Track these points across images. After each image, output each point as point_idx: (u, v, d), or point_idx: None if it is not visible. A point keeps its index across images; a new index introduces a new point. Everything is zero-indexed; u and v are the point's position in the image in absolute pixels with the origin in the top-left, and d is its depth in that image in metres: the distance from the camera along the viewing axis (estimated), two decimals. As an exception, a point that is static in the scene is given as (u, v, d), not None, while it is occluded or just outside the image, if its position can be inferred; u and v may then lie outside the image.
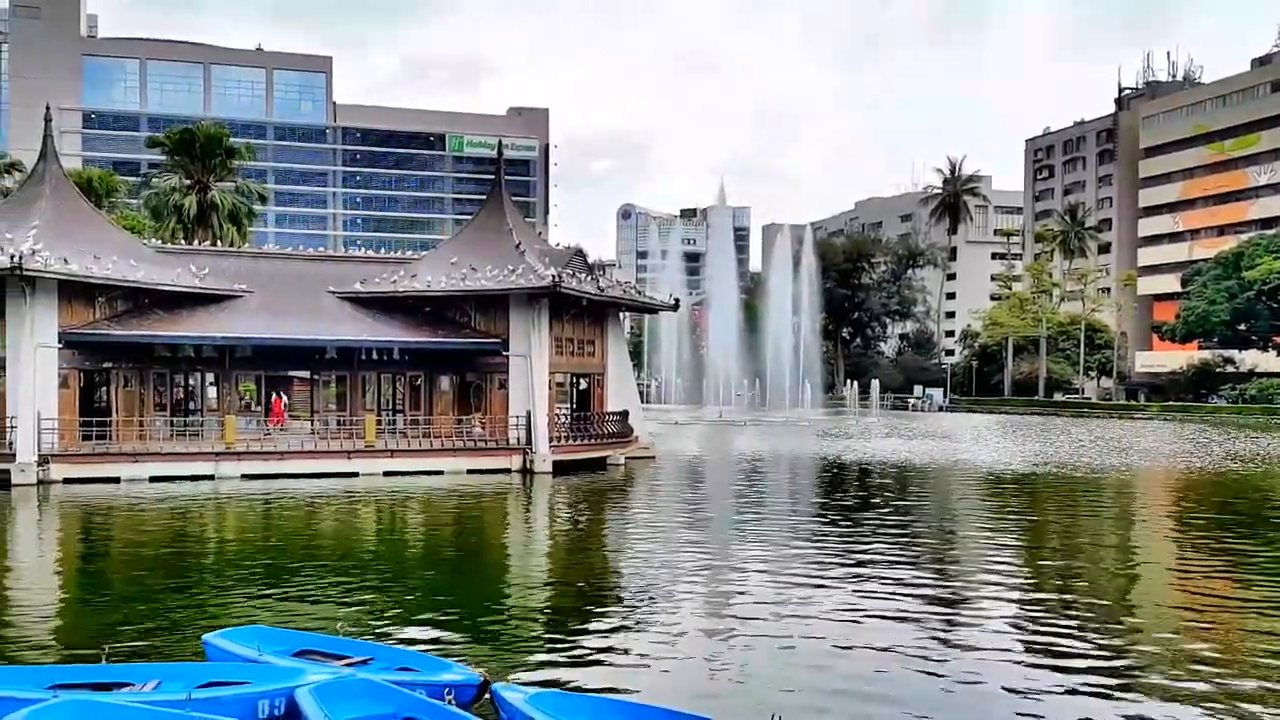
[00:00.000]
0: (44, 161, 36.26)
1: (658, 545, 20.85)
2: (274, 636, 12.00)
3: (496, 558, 20.91)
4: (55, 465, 30.30)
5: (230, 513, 25.76)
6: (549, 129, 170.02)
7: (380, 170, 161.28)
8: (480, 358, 36.94)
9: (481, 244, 38.28)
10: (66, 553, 21.52)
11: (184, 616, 14.46)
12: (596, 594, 16.52)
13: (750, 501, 28.68)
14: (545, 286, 34.20)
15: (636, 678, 11.73)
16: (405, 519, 25.68)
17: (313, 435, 35.69)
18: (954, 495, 31.18)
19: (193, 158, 60.36)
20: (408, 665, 11.13)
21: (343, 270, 39.75)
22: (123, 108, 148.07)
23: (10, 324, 30.95)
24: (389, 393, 39.48)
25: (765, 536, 21.85)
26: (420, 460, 33.68)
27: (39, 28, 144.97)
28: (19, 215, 33.84)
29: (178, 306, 34.93)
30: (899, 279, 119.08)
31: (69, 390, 32.23)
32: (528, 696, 9.72)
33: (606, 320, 39.82)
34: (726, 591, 16.31)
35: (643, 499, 29.98)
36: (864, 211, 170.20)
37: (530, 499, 29.59)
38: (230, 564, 19.09)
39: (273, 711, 9.75)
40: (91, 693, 9.89)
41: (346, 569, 18.32)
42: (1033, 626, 14.21)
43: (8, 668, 10.92)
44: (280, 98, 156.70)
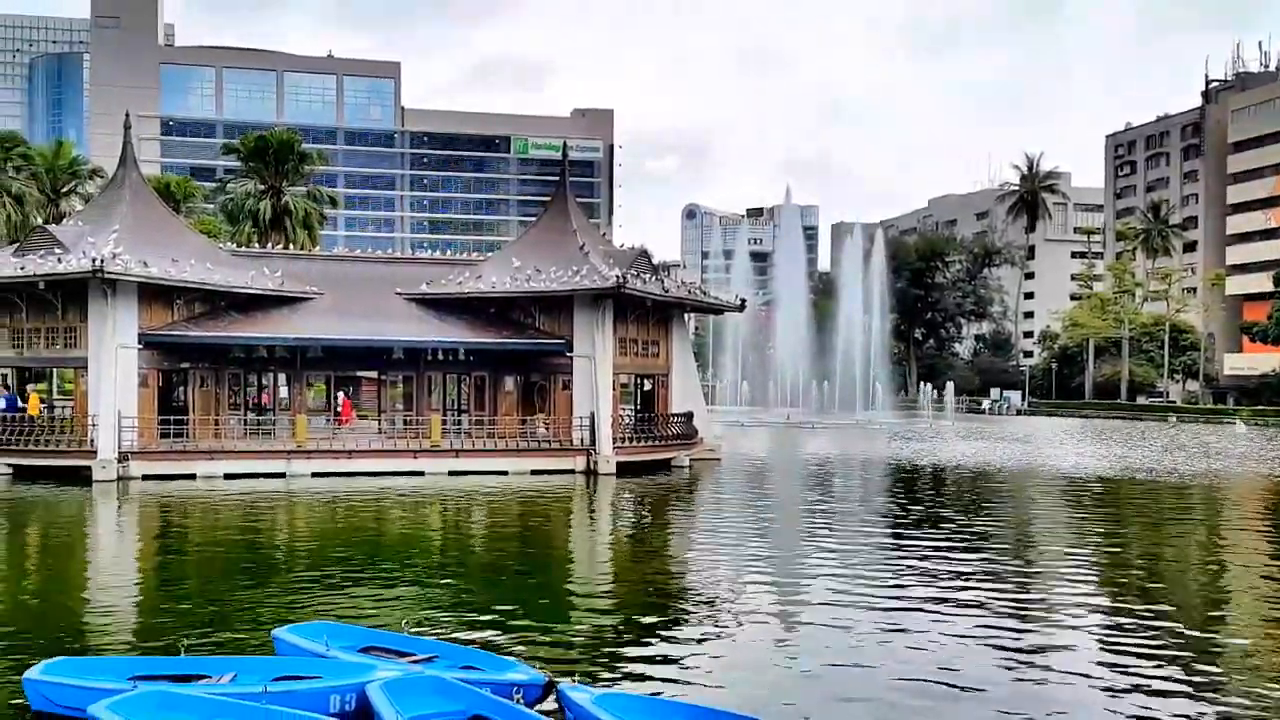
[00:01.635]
0: (124, 168, 37.58)
1: (723, 548, 20.86)
2: (341, 632, 12.32)
3: (560, 558, 21.13)
4: (135, 462, 31.42)
5: (300, 510, 26.45)
6: (613, 129, 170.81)
7: (446, 173, 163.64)
8: (544, 358, 37.31)
9: (546, 245, 38.64)
10: (145, 547, 22.31)
11: (254, 610, 14.91)
12: (660, 596, 16.60)
13: (819, 505, 28.50)
14: (610, 287, 34.40)
15: (701, 680, 11.76)
16: (470, 518, 26.07)
17: (380, 435, 36.38)
18: (1033, 502, 30.58)
19: (266, 163, 62.01)
20: (472, 664, 11.33)
21: (410, 272, 40.46)
22: (199, 115, 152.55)
23: (93, 325, 32.15)
24: (454, 393, 40.08)
25: (834, 541, 21.71)
26: (485, 460, 34.13)
27: (119, 37, 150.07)
28: (101, 220, 35.15)
29: (252, 308, 35.95)
30: (974, 278, 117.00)
31: (148, 389, 33.34)
32: (594, 697, 9.83)
33: (671, 321, 39.91)
34: (793, 597, 16.25)
35: (708, 501, 29.98)
36: (937, 209, 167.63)
37: (594, 500, 29.80)
38: (299, 560, 19.61)
39: (344, 706, 10.03)
40: (170, 684, 10.28)
41: (411, 567, 18.69)
42: (1115, 645, 13.64)
43: (91, 659, 11.37)
44: (350, 103, 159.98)
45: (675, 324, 40.22)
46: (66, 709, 9.97)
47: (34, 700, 10.19)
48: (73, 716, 9.85)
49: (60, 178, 57.06)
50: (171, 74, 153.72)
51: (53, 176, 56.18)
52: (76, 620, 14.61)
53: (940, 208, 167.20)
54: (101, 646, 12.96)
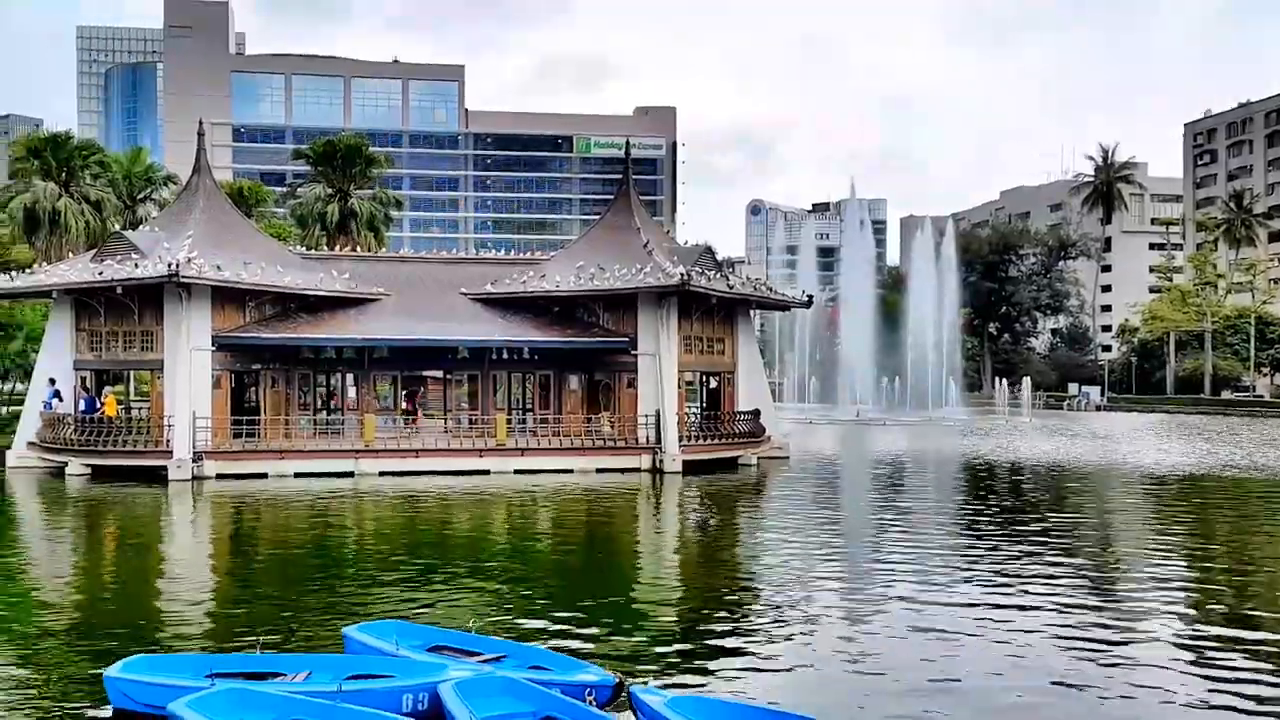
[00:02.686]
0: (198, 174, 38.48)
1: (793, 548, 20.61)
2: (410, 631, 12.40)
3: (627, 558, 21.06)
4: (209, 461, 32.15)
5: (368, 509, 26.79)
6: (676, 127, 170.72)
7: (510, 173, 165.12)
8: (609, 356, 37.32)
9: (610, 243, 38.65)
10: (218, 545, 22.79)
11: (324, 609, 15.10)
12: (729, 596, 16.43)
13: (891, 503, 28.06)
14: (674, 285, 34.27)
15: (772, 683, 11.60)
16: (536, 517, 26.15)
17: (446, 434, 36.74)
18: (1114, 500, 29.74)
19: (334, 168, 63.09)
20: (540, 664, 11.30)
21: (474, 272, 40.79)
22: (269, 121, 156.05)
23: (168, 328, 32.98)
24: (519, 392, 40.32)
25: (907, 540, 21.33)
26: (550, 459, 34.25)
27: (191, 47, 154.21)
28: (176, 225, 36.04)
29: (321, 310, 36.55)
30: (1049, 271, 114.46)
31: (221, 390, 34.10)
32: (667, 700, 9.74)
33: (736, 318, 39.65)
34: (865, 598, 15.97)
35: (776, 500, 29.70)
36: (1010, 201, 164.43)
37: (660, 499, 29.70)
38: (368, 558, 19.84)
39: (416, 705, 10.09)
40: (246, 681, 10.44)
41: (478, 566, 18.78)
42: (1202, 652, 13.15)
43: (168, 656, 11.59)
44: (415, 106, 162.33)
45: (740, 321, 39.94)
46: (146, 706, 10.16)
47: (114, 698, 10.40)
48: (152, 714, 10.04)
49: (136, 184, 58.67)
50: (242, 82, 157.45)
51: (129, 183, 57.79)
52: (153, 618, 14.93)
53: (1013, 200, 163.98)
54: (178, 644, 13.21)
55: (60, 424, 34.07)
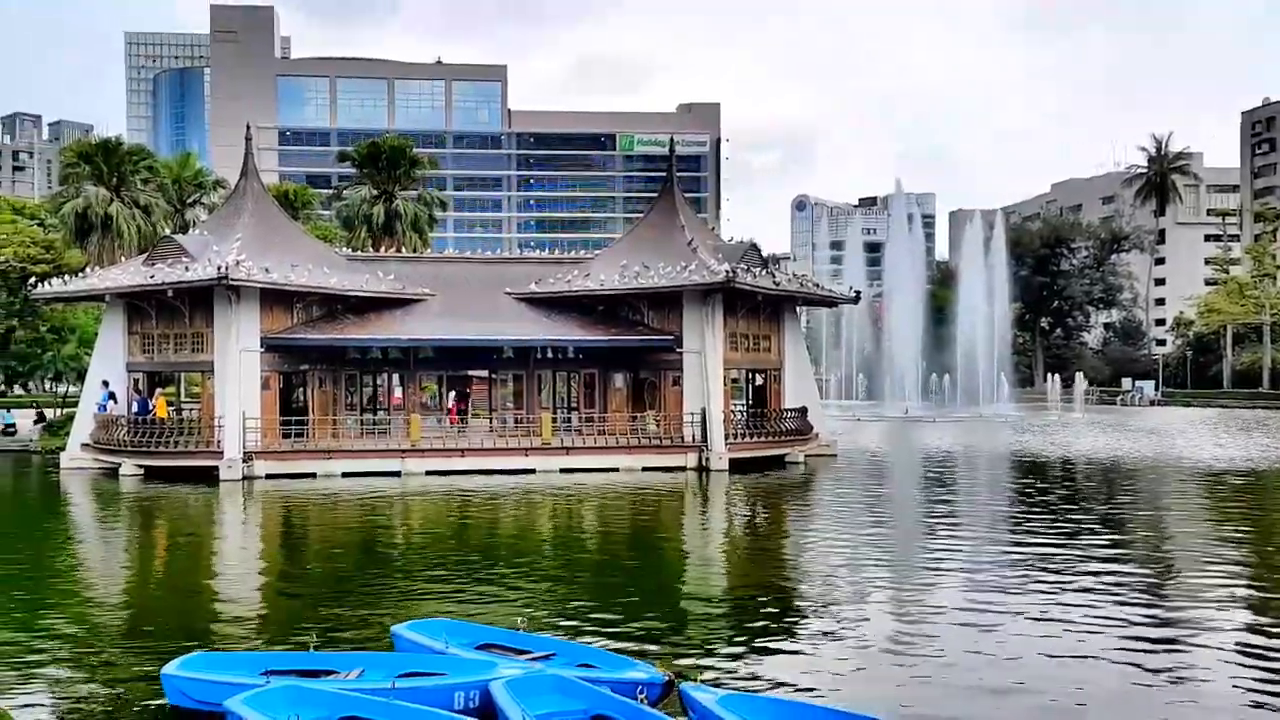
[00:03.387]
0: (245, 178, 39.06)
1: (842, 546, 20.47)
2: (459, 629, 12.47)
3: (674, 556, 21.02)
4: (258, 461, 32.62)
5: (415, 508, 27.01)
6: (720, 124, 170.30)
7: (553, 172, 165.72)
8: (654, 355, 37.30)
9: (654, 241, 38.62)
10: (269, 544, 23.12)
11: (373, 607, 15.23)
12: (778, 594, 16.35)
13: (941, 501, 27.75)
14: (719, 282, 34.16)
15: (822, 681, 11.52)
16: (582, 516, 26.20)
17: (491, 433, 36.93)
18: (1170, 496, 29.16)
19: (379, 169, 63.61)
20: (589, 662, 11.31)
21: (518, 271, 40.98)
22: (314, 124, 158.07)
23: (218, 330, 33.50)
24: (564, 390, 40.44)
25: (957, 539, 21.09)
26: (596, 457, 34.30)
27: (237, 52, 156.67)
28: (224, 228, 36.60)
29: (367, 310, 36.93)
30: (1102, 265, 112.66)
31: (270, 391, 34.57)
32: (718, 698, 9.70)
33: (783, 315, 39.43)
34: (916, 596, 15.82)
35: (825, 498, 29.48)
36: (1061, 194, 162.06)
37: (707, 497, 29.62)
38: (416, 557, 20.00)
39: (467, 703, 10.15)
40: (300, 679, 10.56)
41: (525, 564, 18.84)
42: (1262, 651, 12.83)
43: (223, 654, 11.75)
44: (458, 107, 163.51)
45: (787, 318, 39.73)
46: (202, 704, 10.31)
47: (171, 695, 10.57)
48: (208, 710, 10.18)
49: (185, 188, 59.56)
50: (287, 85, 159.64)
51: (178, 187, 58.69)
52: (207, 616, 15.15)
53: (1064, 193, 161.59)
54: (231, 641, 13.40)
55: (113, 425, 34.75)
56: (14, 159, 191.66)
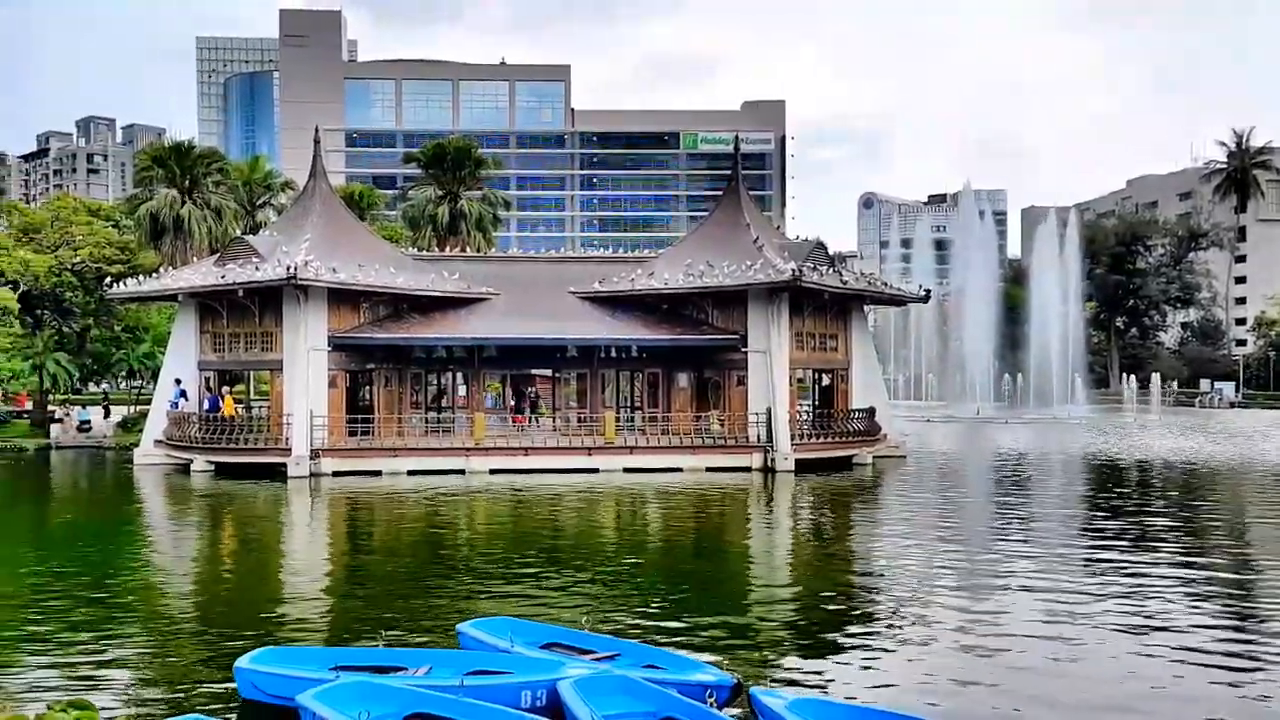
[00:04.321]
0: (314, 179, 39.78)
1: (911, 549, 20.16)
2: (524, 628, 12.51)
3: (739, 557, 20.86)
4: (325, 459, 33.17)
5: (479, 506, 27.21)
6: (785, 121, 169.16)
7: (616, 171, 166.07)
8: (718, 354, 37.14)
9: (718, 240, 38.46)
10: (336, 541, 23.47)
11: (439, 604, 15.35)
12: (845, 598, 16.13)
13: (1013, 504, 27.17)
14: (785, 281, 33.89)
15: (891, 687, 11.35)
16: (646, 516, 26.15)
17: (555, 432, 37.10)
18: (1251, 501, 28.20)
19: (444, 170, 64.42)
20: (654, 663, 11.26)
21: (582, 271, 41.10)
22: (380, 126, 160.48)
23: (286, 329, 34.14)
24: (627, 390, 40.47)
25: (1030, 543, 20.62)
26: (659, 457, 34.25)
27: (306, 55, 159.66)
28: (293, 229, 37.31)
29: (432, 310, 37.36)
30: (1180, 262, 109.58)
31: (337, 390, 35.14)
32: (788, 702, 9.60)
33: (850, 314, 39.00)
34: (986, 602, 15.49)
35: (893, 500, 29.07)
36: (1137, 190, 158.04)
37: (772, 498, 29.39)
38: (480, 555, 20.12)
39: (535, 702, 10.18)
40: (370, 675, 10.68)
41: (589, 564, 18.85)
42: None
43: (294, 649, 11.92)
44: (522, 107, 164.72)
45: (855, 316, 39.29)
46: (274, 697, 10.49)
47: (244, 688, 10.76)
48: (280, 704, 10.33)
49: (256, 190, 60.95)
50: (354, 88, 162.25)
51: (249, 189, 60.07)
52: (276, 610, 15.41)
53: (1140, 189, 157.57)
54: (300, 636, 13.60)
55: (185, 422, 35.61)
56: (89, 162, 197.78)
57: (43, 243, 48.69)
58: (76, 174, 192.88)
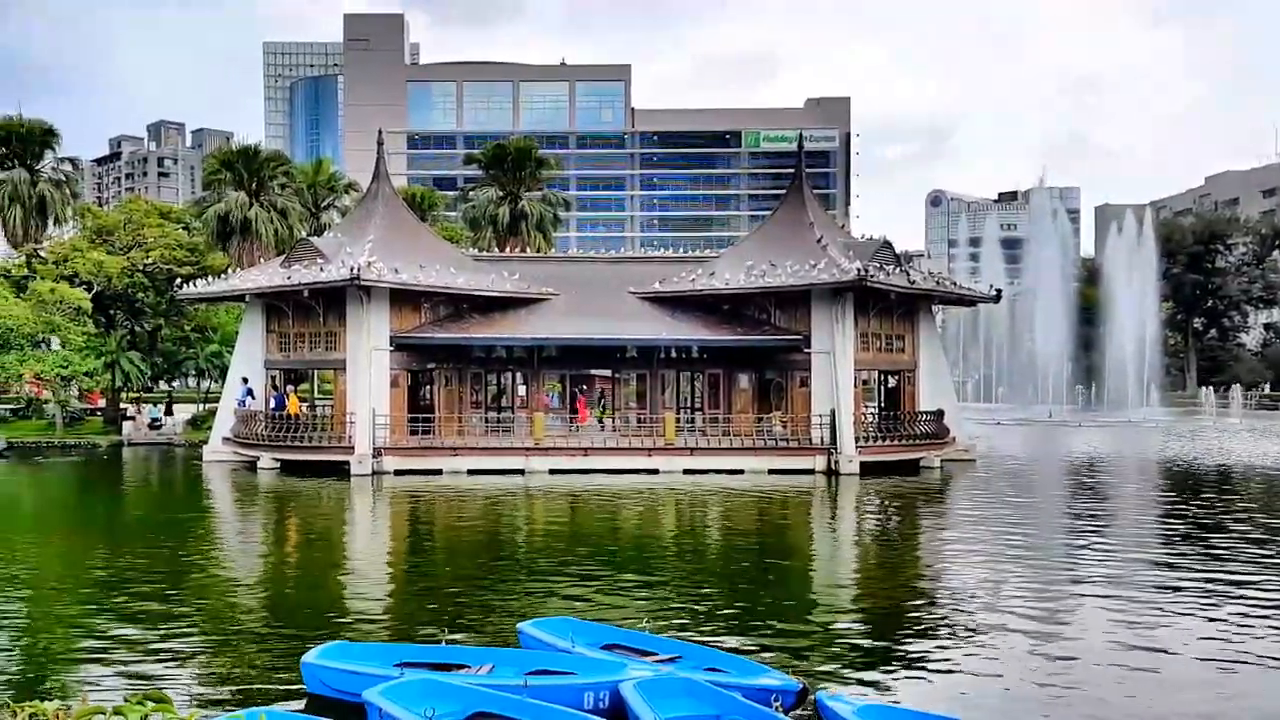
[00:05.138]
0: (377, 181, 40.40)
1: (979, 554, 19.81)
2: (584, 629, 12.52)
3: (802, 560, 20.70)
4: (387, 457, 33.65)
5: (539, 506, 27.38)
6: (849, 118, 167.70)
7: (676, 171, 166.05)
8: (780, 355, 36.91)
9: (781, 239, 38.23)
10: (398, 538, 23.79)
11: (499, 603, 15.45)
12: (911, 603, 15.90)
13: (1087, 510, 26.57)
14: (850, 280, 33.56)
15: (958, 696, 11.15)
16: (707, 518, 26.07)
17: (614, 432, 37.17)
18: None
19: (505, 171, 64.99)
20: (717, 666, 11.20)
21: (642, 271, 41.14)
22: (441, 128, 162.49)
23: (350, 329, 34.70)
24: (688, 391, 40.40)
25: (1104, 550, 20.14)
26: (720, 459, 34.14)
27: (369, 59, 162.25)
28: (357, 231, 37.93)
29: (492, 310, 37.70)
30: (1262, 262, 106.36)
31: (398, 389, 35.62)
32: (856, 708, 9.49)
33: (917, 314, 38.50)
34: (1057, 611, 15.15)
35: (962, 504, 28.63)
36: (1216, 187, 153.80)
37: (837, 501, 29.12)
38: (540, 555, 20.21)
39: (597, 703, 10.19)
40: (433, 672, 10.78)
41: (649, 565, 18.85)
42: None
43: (359, 644, 12.07)
44: (582, 107, 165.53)
45: (922, 317, 38.78)
46: (339, 693, 10.64)
47: (310, 683, 10.93)
48: (345, 700, 10.47)
49: (320, 192, 62.05)
50: (416, 90, 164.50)
51: (314, 192, 61.17)
52: (340, 606, 15.65)
53: (1219, 186, 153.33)
54: (364, 632, 13.78)
55: (252, 420, 36.37)
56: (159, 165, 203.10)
57: (115, 244, 50.08)
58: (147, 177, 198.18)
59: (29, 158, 54.61)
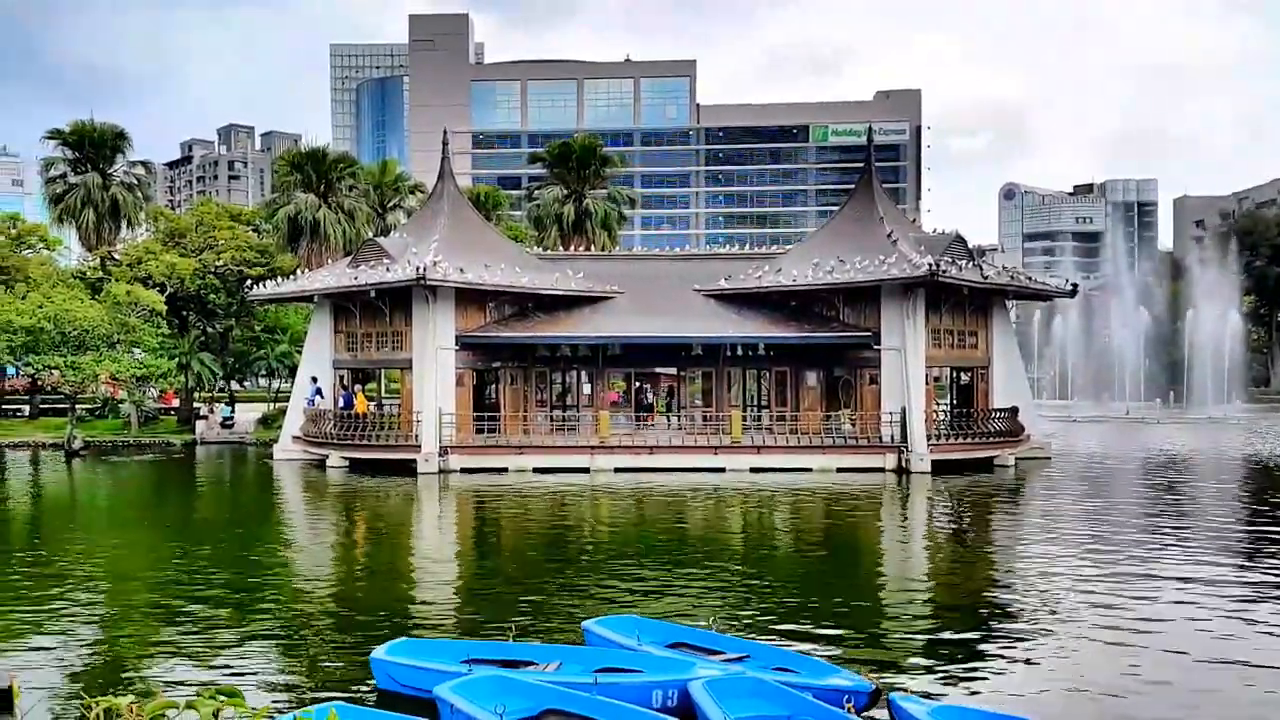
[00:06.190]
0: (442, 181, 40.89)
1: (1054, 554, 19.43)
2: (650, 627, 12.53)
3: (871, 560, 20.50)
4: (453, 455, 34.06)
5: (604, 504, 27.48)
6: (920, 110, 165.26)
7: (742, 167, 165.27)
8: (849, 352, 36.55)
9: (850, 234, 37.86)
10: (464, 536, 24.08)
11: (564, 601, 15.54)
12: (984, 605, 15.66)
13: (1166, 509, 25.87)
14: (921, 276, 33.10)
15: (1035, 698, 10.94)
16: (774, 516, 25.94)
17: (680, 431, 37.14)
18: None
19: (569, 169, 65.23)
20: (785, 665, 11.14)
21: (707, 268, 41.02)
22: (505, 127, 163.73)
23: (416, 328, 35.18)
24: (754, 389, 40.19)
25: (1183, 551, 19.63)
26: (787, 457, 33.92)
27: (434, 59, 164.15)
28: (422, 231, 38.43)
29: (556, 309, 37.92)
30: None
31: (464, 388, 36.01)
32: (930, 709, 9.38)
33: (991, 310, 37.84)
34: (1135, 614, 14.77)
35: (1036, 503, 28.09)
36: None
37: (908, 500, 28.76)
38: (605, 553, 20.29)
39: (666, 702, 10.21)
40: (500, 669, 10.88)
41: (715, 564, 18.80)
42: None
43: (427, 640, 12.27)
44: (647, 104, 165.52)
45: (996, 312, 38.11)
46: (408, 688, 10.79)
47: (380, 679, 11.10)
48: (413, 695, 10.62)
49: (386, 193, 62.83)
50: (481, 90, 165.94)
51: (380, 192, 61.99)
52: (407, 602, 15.89)
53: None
54: (430, 628, 13.97)
55: (321, 419, 37.06)
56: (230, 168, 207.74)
57: (188, 247, 51.37)
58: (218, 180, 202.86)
59: (101, 162, 56.20)
